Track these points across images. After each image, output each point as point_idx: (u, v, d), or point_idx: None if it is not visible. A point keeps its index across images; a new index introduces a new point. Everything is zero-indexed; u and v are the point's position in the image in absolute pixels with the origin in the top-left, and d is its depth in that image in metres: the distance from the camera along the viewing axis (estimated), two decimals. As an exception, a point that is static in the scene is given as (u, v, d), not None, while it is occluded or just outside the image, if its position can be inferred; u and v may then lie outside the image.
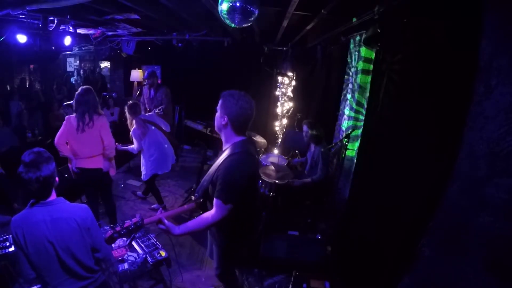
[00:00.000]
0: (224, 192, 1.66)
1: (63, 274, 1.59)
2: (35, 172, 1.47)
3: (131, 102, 3.65)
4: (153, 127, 3.70)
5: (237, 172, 1.68)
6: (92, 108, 2.84)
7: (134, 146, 3.64)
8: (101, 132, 2.90)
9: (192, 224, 1.74)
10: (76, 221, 1.59)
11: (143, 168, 3.78)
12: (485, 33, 1.51)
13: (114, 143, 2.98)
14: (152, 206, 4.10)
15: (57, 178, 1.61)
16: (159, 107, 4.63)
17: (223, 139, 1.84)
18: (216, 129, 1.86)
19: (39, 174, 1.47)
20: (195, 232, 1.80)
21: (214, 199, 1.70)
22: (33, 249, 1.52)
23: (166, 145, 3.85)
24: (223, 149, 1.84)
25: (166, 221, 1.69)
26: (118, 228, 1.60)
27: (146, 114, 3.87)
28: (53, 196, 1.62)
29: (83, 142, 2.85)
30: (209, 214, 1.73)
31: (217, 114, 1.79)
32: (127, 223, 1.62)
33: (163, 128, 3.87)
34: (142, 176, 3.83)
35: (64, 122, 2.86)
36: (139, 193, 4.41)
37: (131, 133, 3.62)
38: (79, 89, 2.86)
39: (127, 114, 3.62)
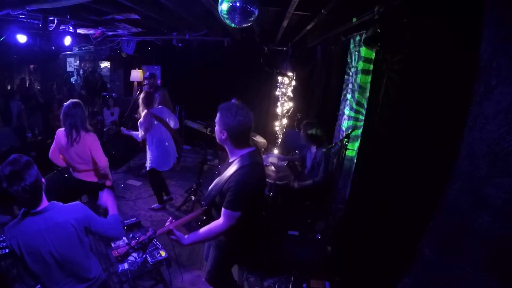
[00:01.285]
0: (234, 203, 1.70)
1: (63, 278, 1.58)
2: (19, 183, 1.37)
3: (146, 91, 3.60)
4: (156, 122, 3.68)
5: (248, 185, 1.72)
6: (79, 123, 2.75)
7: (139, 133, 3.65)
8: (92, 151, 2.82)
9: (201, 234, 1.79)
10: (71, 224, 1.56)
11: (146, 160, 3.84)
12: (485, 33, 1.50)
13: (107, 162, 2.90)
14: (152, 206, 4.09)
15: (43, 179, 1.54)
16: None
17: (227, 150, 1.87)
18: (218, 142, 1.87)
19: (24, 184, 1.38)
20: (203, 241, 1.88)
21: (223, 209, 1.73)
22: (31, 259, 1.48)
23: (167, 144, 3.83)
24: (230, 160, 1.86)
25: (176, 232, 1.75)
26: (133, 244, 1.64)
27: (158, 107, 3.82)
28: (45, 202, 1.55)
29: (73, 157, 2.82)
30: (217, 223, 1.76)
31: (216, 128, 1.81)
32: (142, 237, 1.66)
33: (171, 125, 3.83)
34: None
35: (54, 137, 2.83)
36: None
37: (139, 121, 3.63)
38: (68, 102, 2.78)
39: (140, 103, 3.60)
